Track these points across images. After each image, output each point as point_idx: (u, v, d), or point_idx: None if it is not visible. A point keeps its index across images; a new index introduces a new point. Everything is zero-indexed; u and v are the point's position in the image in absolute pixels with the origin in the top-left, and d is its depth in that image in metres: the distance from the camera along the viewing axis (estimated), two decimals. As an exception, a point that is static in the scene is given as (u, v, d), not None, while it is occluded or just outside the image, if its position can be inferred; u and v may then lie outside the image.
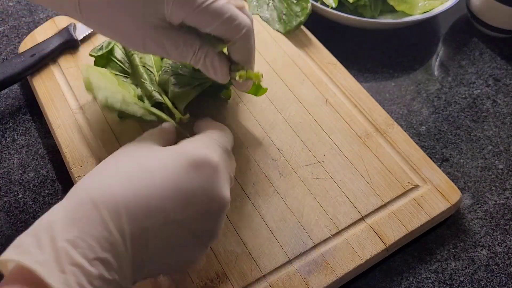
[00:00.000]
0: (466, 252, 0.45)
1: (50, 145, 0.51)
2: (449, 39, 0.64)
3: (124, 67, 0.49)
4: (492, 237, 0.46)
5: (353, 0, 0.60)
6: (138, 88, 0.48)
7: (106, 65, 0.50)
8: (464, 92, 0.58)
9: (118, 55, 0.50)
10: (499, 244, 0.46)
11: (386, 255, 0.43)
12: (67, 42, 0.54)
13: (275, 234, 0.43)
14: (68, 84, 0.52)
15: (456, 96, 0.58)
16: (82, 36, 0.56)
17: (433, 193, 0.46)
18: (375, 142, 0.49)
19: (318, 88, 0.53)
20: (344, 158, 0.48)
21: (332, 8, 0.60)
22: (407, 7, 0.61)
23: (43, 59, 0.53)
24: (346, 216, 0.44)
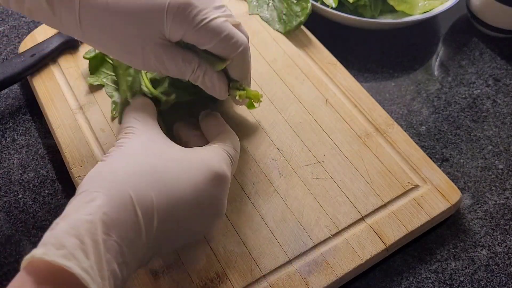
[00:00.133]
0: (466, 252, 0.45)
1: (50, 145, 0.51)
2: (449, 39, 0.64)
3: None
4: (492, 237, 0.46)
5: (353, 0, 0.60)
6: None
7: (99, 66, 0.50)
8: (464, 92, 0.58)
9: None
10: (499, 244, 0.46)
11: (386, 255, 0.43)
12: (67, 42, 0.54)
13: (275, 234, 0.43)
14: (68, 84, 0.52)
15: (456, 96, 0.58)
16: (82, 36, 0.56)
17: (433, 193, 0.46)
18: (375, 142, 0.49)
19: (318, 88, 0.53)
20: (344, 158, 0.48)
21: (332, 8, 0.60)
22: (407, 7, 0.61)
23: (43, 59, 0.53)
24: (346, 216, 0.44)
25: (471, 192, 0.49)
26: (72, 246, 0.28)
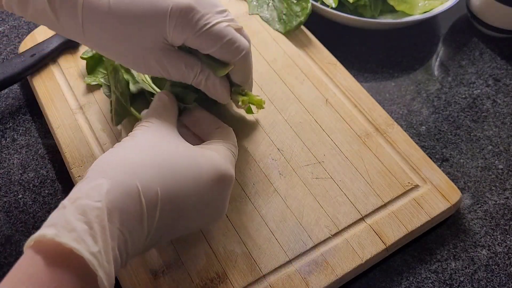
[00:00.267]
0: (466, 252, 0.45)
1: (50, 145, 0.51)
2: (449, 39, 0.64)
3: None
4: (492, 237, 0.46)
5: (353, 0, 0.60)
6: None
7: (97, 66, 0.51)
8: (464, 92, 0.58)
9: None
10: (499, 244, 0.46)
11: (386, 255, 0.43)
12: (67, 42, 0.54)
13: (275, 234, 0.43)
14: (68, 84, 0.52)
15: (456, 96, 0.58)
16: (82, 36, 0.56)
17: (433, 193, 0.46)
18: (375, 142, 0.49)
19: (318, 88, 0.53)
20: (344, 158, 0.48)
21: (332, 8, 0.60)
22: (407, 7, 0.61)
23: (43, 59, 0.53)
24: (346, 216, 0.44)
25: (471, 192, 0.49)
26: (82, 230, 0.28)
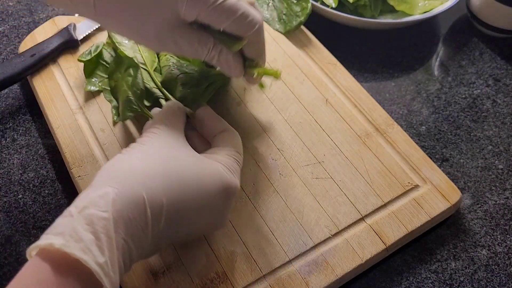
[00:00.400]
0: (466, 252, 0.45)
1: (50, 145, 0.51)
2: (449, 39, 0.64)
3: None
4: (492, 237, 0.46)
5: (353, 0, 0.60)
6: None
7: (95, 69, 0.50)
8: (464, 92, 0.58)
9: (107, 58, 0.50)
10: (499, 244, 0.46)
11: (386, 255, 0.43)
12: (67, 42, 0.54)
13: (275, 234, 0.43)
14: (68, 84, 0.52)
15: (456, 96, 0.58)
16: (82, 36, 0.56)
17: (433, 193, 0.46)
18: (375, 142, 0.49)
19: (318, 88, 0.53)
20: (344, 158, 0.48)
21: (332, 8, 0.60)
22: (407, 7, 0.61)
23: (43, 59, 0.53)
24: (346, 216, 0.44)
25: (471, 192, 0.49)
26: (89, 240, 0.28)
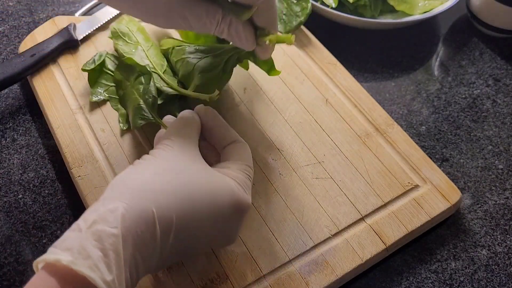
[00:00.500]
0: (466, 252, 0.45)
1: (50, 145, 0.51)
2: (449, 39, 0.64)
3: None
4: (492, 237, 0.46)
5: (353, 0, 0.60)
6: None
7: (99, 77, 0.50)
8: (464, 92, 0.58)
9: (111, 66, 0.50)
10: (499, 244, 0.46)
11: (386, 255, 0.43)
12: (67, 42, 0.54)
13: (275, 234, 0.43)
14: (68, 84, 0.52)
15: (456, 96, 0.58)
16: (82, 36, 0.56)
17: (433, 193, 0.46)
18: (375, 142, 0.49)
19: (318, 88, 0.53)
20: (344, 158, 0.48)
21: (332, 8, 0.60)
22: (407, 7, 0.61)
23: (43, 59, 0.53)
24: (346, 216, 0.44)
25: (471, 192, 0.49)
26: (97, 258, 0.28)
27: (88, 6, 0.62)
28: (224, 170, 0.38)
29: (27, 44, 0.56)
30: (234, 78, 0.48)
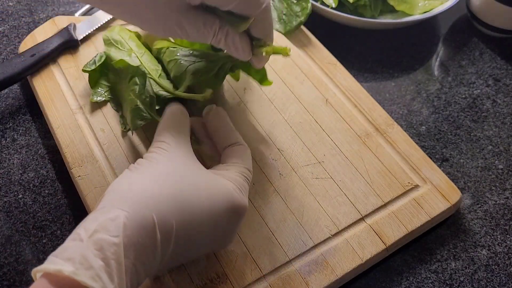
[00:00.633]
0: (466, 252, 0.45)
1: (50, 145, 0.51)
2: (449, 39, 0.64)
3: None
4: (492, 237, 0.46)
5: (353, 0, 0.60)
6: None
7: (99, 78, 0.50)
8: (464, 92, 0.58)
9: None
10: (499, 244, 0.46)
11: (386, 255, 0.43)
12: (67, 42, 0.54)
13: (275, 234, 0.43)
14: (68, 84, 0.52)
15: (456, 96, 0.58)
16: (82, 36, 0.56)
17: (433, 193, 0.46)
18: (375, 142, 0.49)
19: (318, 88, 0.53)
20: (344, 158, 0.48)
21: (332, 8, 0.60)
22: (407, 7, 0.61)
23: (43, 59, 0.53)
24: (346, 216, 0.44)
25: (471, 192, 0.49)
26: (99, 267, 0.28)
27: (88, 6, 0.62)
28: (222, 172, 0.38)
29: (27, 44, 0.56)
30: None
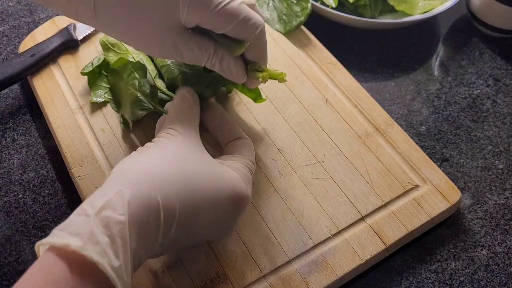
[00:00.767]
0: (466, 252, 0.45)
1: (50, 145, 0.51)
2: (449, 39, 0.64)
3: None
4: (492, 237, 0.46)
5: (353, 0, 0.60)
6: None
7: (98, 80, 0.50)
8: (464, 92, 0.58)
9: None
10: (499, 244, 0.46)
11: (386, 255, 0.43)
12: (67, 42, 0.54)
13: (275, 234, 0.43)
14: (68, 84, 0.52)
15: (456, 96, 0.58)
16: (82, 36, 0.56)
17: (433, 193, 0.46)
18: (375, 142, 0.49)
19: (318, 88, 0.53)
20: (344, 158, 0.48)
21: (332, 8, 0.60)
22: (407, 7, 0.61)
23: (43, 59, 0.53)
24: (346, 216, 0.44)
25: (471, 192, 0.49)
26: (105, 244, 0.28)
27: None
28: (227, 162, 0.39)
29: (27, 44, 0.56)
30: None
